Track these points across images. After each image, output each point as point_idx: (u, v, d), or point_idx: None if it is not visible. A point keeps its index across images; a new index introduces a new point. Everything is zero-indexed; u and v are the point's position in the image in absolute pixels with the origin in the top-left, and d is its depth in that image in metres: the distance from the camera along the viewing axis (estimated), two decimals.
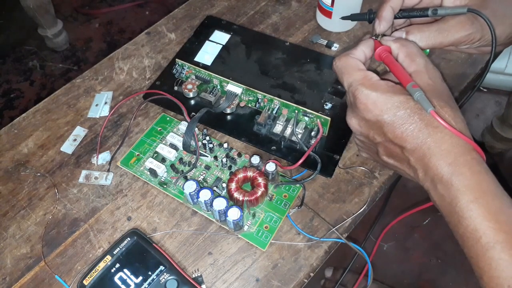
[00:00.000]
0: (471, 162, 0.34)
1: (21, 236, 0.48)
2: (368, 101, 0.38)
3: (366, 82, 0.38)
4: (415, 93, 0.36)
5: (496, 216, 0.32)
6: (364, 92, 0.38)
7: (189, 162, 0.51)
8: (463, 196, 0.34)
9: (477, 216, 0.33)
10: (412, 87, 0.36)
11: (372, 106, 0.37)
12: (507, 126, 1.23)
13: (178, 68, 0.59)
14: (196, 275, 0.45)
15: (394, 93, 0.37)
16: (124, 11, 1.70)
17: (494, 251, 0.32)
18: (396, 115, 0.36)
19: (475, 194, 0.33)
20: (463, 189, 0.34)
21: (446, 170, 0.34)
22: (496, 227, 0.32)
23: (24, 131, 0.56)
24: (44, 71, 1.53)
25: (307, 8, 0.68)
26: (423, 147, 0.36)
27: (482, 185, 0.34)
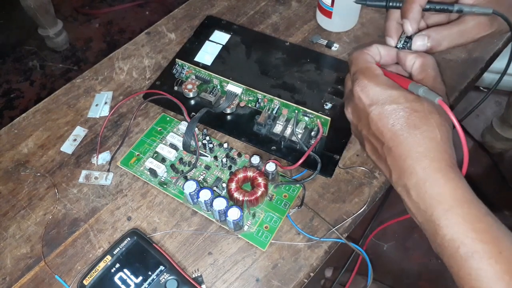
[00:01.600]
0: (446, 168, 0.34)
1: (21, 236, 0.48)
2: (363, 89, 0.38)
3: (367, 72, 0.39)
4: (419, 89, 0.36)
5: (473, 225, 0.32)
6: (362, 81, 0.38)
7: (189, 162, 0.51)
8: (438, 205, 0.33)
9: (453, 225, 0.32)
10: (415, 84, 0.37)
11: (365, 95, 0.38)
12: (507, 126, 1.23)
13: (178, 68, 0.59)
14: (196, 275, 0.45)
15: (390, 87, 0.37)
16: (124, 11, 1.70)
17: (473, 261, 0.31)
18: (384, 109, 0.37)
19: (451, 203, 0.33)
20: (437, 197, 0.33)
21: (420, 175, 0.34)
22: (474, 236, 0.32)
23: (24, 131, 0.56)
24: (44, 71, 1.53)
25: (307, 8, 0.68)
26: (400, 147, 0.35)
27: (457, 192, 0.33)
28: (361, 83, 0.38)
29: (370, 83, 0.38)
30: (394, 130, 0.36)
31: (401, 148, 0.35)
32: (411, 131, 0.35)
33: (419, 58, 0.40)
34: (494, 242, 0.31)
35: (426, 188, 0.34)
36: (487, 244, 0.31)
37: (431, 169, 0.34)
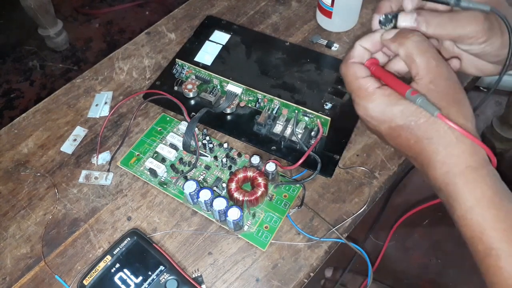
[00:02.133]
0: (465, 171, 0.34)
1: (21, 236, 0.48)
2: (365, 112, 0.38)
3: (361, 94, 0.38)
4: (416, 100, 0.35)
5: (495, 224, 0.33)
6: (360, 104, 0.38)
7: (189, 162, 0.51)
8: (459, 205, 0.34)
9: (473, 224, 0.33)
10: (411, 94, 0.35)
11: (369, 118, 0.38)
12: (507, 126, 1.23)
13: (178, 68, 0.59)
14: (196, 275, 0.45)
15: (389, 104, 0.36)
16: (124, 11, 1.70)
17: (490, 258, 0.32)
18: (392, 127, 0.36)
19: (470, 203, 0.33)
20: (457, 198, 0.34)
21: (441, 180, 0.35)
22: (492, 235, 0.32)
23: (24, 131, 0.56)
24: (44, 71, 1.53)
25: (307, 8, 0.68)
26: (419, 158, 0.36)
27: (477, 193, 0.33)
28: (361, 107, 0.38)
29: (369, 104, 0.37)
30: (410, 144, 0.36)
31: (421, 158, 0.36)
32: (425, 143, 0.35)
33: (401, 48, 0.37)
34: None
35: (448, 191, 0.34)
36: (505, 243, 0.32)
37: (451, 173, 0.34)
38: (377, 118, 0.37)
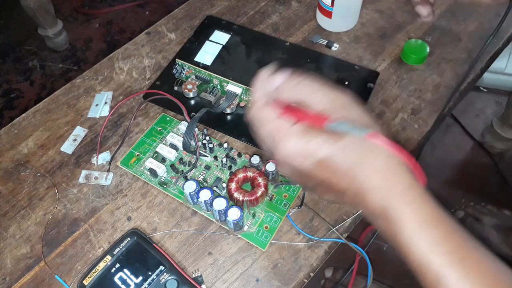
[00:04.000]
0: (402, 192, 0.33)
1: (21, 236, 0.48)
2: (287, 152, 0.35)
3: (279, 134, 0.36)
4: (339, 126, 0.34)
5: (438, 248, 0.31)
6: (280, 145, 0.36)
7: (189, 162, 0.51)
8: (402, 231, 0.32)
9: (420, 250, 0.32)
10: (330, 123, 0.34)
11: (293, 157, 0.35)
12: (507, 126, 1.23)
13: (178, 68, 0.59)
14: (196, 275, 0.45)
15: (310, 139, 0.35)
16: (124, 11, 1.70)
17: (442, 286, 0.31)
18: (317, 162, 0.34)
19: (414, 226, 0.32)
20: (399, 224, 0.32)
21: (381, 205, 0.33)
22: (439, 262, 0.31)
23: (24, 131, 0.56)
24: (44, 71, 1.53)
25: (307, 8, 0.68)
26: (353, 186, 0.34)
27: (417, 215, 0.32)
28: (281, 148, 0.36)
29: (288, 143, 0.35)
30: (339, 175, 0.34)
31: (354, 187, 0.34)
32: (356, 171, 0.34)
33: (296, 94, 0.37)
34: (461, 262, 0.31)
35: (388, 216, 0.33)
36: (454, 266, 0.30)
37: (389, 197, 0.33)
38: (301, 153, 0.35)
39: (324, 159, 0.34)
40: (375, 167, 0.33)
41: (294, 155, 0.35)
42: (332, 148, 0.34)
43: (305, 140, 0.35)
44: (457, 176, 1.26)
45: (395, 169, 0.33)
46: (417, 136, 0.54)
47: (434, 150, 1.30)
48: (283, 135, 0.36)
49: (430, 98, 0.57)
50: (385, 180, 0.33)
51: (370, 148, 0.33)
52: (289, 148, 0.35)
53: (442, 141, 1.33)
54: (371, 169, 0.33)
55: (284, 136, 0.36)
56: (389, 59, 0.61)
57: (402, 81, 0.59)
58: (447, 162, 1.29)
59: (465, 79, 0.58)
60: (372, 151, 0.33)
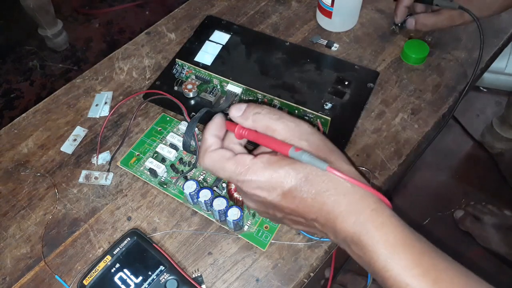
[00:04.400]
0: (371, 215, 0.33)
1: (21, 236, 0.48)
2: (252, 186, 0.35)
3: (241, 170, 0.36)
4: (301, 157, 0.34)
5: (413, 271, 0.31)
6: (245, 181, 0.35)
7: (189, 162, 0.51)
8: (377, 256, 0.32)
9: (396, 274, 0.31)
10: (294, 151, 0.34)
11: (258, 190, 0.35)
12: (507, 126, 1.23)
13: (178, 68, 0.59)
14: (196, 275, 0.45)
15: (274, 170, 0.34)
16: (124, 11, 1.70)
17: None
18: (284, 192, 0.34)
19: (388, 251, 0.32)
20: (374, 248, 0.32)
21: (353, 231, 0.33)
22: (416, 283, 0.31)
23: (24, 131, 0.56)
24: (44, 71, 1.53)
25: (307, 8, 0.68)
26: (322, 214, 0.34)
27: (389, 238, 0.32)
28: (246, 182, 0.35)
29: (253, 177, 0.35)
30: (308, 204, 0.34)
31: (324, 214, 0.34)
32: (324, 198, 0.33)
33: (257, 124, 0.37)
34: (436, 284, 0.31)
35: (362, 241, 0.33)
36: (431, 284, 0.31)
37: (360, 221, 0.33)
38: (266, 187, 0.35)
39: (290, 189, 0.34)
40: (340, 193, 0.33)
41: (259, 190, 0.35)
42: (297, 178, 0.34)
43: (269, 172, 0.35)
44: (457, 176, 1.26)
45: (360, 193, 0.33)
46: (417, 136, 0.54)
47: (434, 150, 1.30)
48: (246, 170, 0.35)
49: (430, 98, 0.57)
50: (353, 205, 0.33)
51: (332, 176, 0.34)
52: (254, 183, 0.35)
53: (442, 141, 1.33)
54: (337, 195, 0.33)
55: (246, 170, 0.35)
56: (389, 59, 0.61)
57: (402, 81, 0.59)
58: (447, 162, 1.29)
59: (465, 79, 0.58)
60: (334, 179, 0.34)
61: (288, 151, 0.34)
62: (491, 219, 1.11)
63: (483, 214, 1.12)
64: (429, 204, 1.18)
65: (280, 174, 0.34)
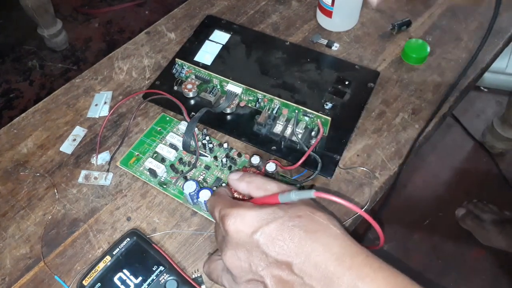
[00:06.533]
0: (367, 260, 0.31)
1: (20, 236, 0.48)
2: (237, 221, 0.34)
3: (233, 204, 0.36)
4: (290, 194, 0.34)
5: None
6: (232, 213, 0.35)
7: (189, 162, 0.51)
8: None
9: None
10: (283, 194, 0.35)
11: (242, 225, 0.34)
12: (508, 126, 1.23)
13: (178, 68, 0.59)
14: (196, 276, 0.44)
15: (260, 208, 0.34)
16: (123, 11, 1.70)
17: None
18: (271, 229, 0.33)
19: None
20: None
21: (349, 276, 0.31)
22: None
23: (23, 131, 0.56)
24: (43, 71, 1.53)
25: (307, 8, 0.68)
26: (311, 257, 0.32)
27: (391, 280, 0.31)
28: (233, 216, 0.34)
29: (241, 210, 0.35)
30: (296, 243, 0.32)
31: (314, 256, 0.32)
32: (313, 236, 0.32)
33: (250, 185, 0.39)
34: None
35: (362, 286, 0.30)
36: None
37: (356, 266, 0.31)
38: (251, 224, 0.34)
39: (279, 226, 0.33)
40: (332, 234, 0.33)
41: (243, 226, 0.34)
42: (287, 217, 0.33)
43: (255, 209, 0.34)
44: (457, 176, 1.26)
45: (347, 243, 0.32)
46: (417, 136, 0.53)
47: (434, 150, 1.30)
48: (235, 207, 0.35)
49: (430, 98, 0.57)
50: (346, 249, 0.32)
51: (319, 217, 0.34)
52: (240, 216, 0.34)
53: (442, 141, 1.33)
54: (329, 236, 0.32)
55: (236, 208, 0.35)
56: (389, 58, 0.61)
57: (403, 81, 0.59)
58: (447, 162, 1.29)
59: (466, 79, 0.58)
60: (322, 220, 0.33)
61: (277, 198, 0.35)
62: (491, 217, 1.12)
63: (484, 213, 1.12)
64: (429, 204, 1.18)
65: (267, 212, 0.34)
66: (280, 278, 0.33)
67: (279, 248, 0.32)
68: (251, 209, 0.34)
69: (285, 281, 0.33)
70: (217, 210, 0.37)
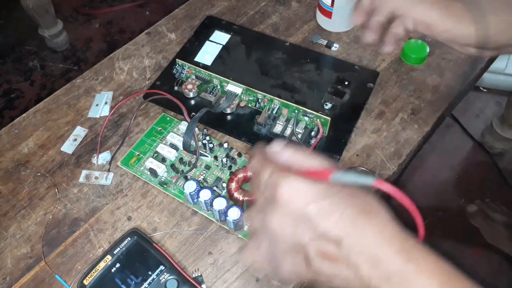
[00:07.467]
0: (416, 246, 0.31)
1: (21, 236, 0.48)
2: (292, 190, 0.33)
3: (286, 171, 0.34)
4: (345, 176, 0.32)
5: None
6: (287, 181, 0.33)
7: (189, 162, 0.52)
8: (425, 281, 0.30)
9: None
10: (337, 173, 0.33)
11: (298, 196, 0.32)
12: (507, 126, 1.23)
13: (178, 68, 0.59)
14: (196, 275, 0.45)
15: (317, 182, 0.33)
16: (124, 11, 1.70)
17: None
18: (325, 203, 0.32)
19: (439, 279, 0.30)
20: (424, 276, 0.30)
21: (398, 259, 0.30)
22: None
23: (24, 131, 0.56)
24: (44, 71, 1.53)
25: (307, 8, 0.68)
26: (362, 236, 0.31)
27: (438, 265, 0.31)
28: (287, 182, 0.33)
29: (296, 179, 0.33)
30: (348, 221, 0.31)
31: (364, 236, 0.31)
32: (367, 217, 0.32)
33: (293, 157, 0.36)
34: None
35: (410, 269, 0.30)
36: None
37: (406, 250, 0.31)
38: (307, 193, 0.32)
39: (335, 202, 0.32)
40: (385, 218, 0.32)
41: (297, 196, 0.32)
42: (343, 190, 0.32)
43: (311, 182, 0.33)
44: (457, 176, 1.26)
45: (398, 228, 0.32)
46: (417, 136, 0.54)
47: (434, 150, 1.30)
48: (291, 175, 0.33)
49: (430, 98, 0.57)
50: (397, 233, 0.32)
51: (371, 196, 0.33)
52: (295, 185, 0.33)
53: (442, 141, 1.33)
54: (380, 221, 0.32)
55: (292, 175, 0.33)
56: (389, 59, 0.61)
57: (402, 81, 0.59)
58: (447, 162, 1.29)
59: (465, 79, 0.58)
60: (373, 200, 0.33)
61: (328, 176, 0.33)
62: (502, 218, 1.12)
63: (495, 212, 1.13)
64: (429, 204, 1.18)
65: (325, 186, 0.32)
66: (324, 253, 0.32)
67: (331, 224, 0.32)
68: (306, 181, 0.33)
69: (330, 256, 0.32)
70: (267, 173, 0.35)
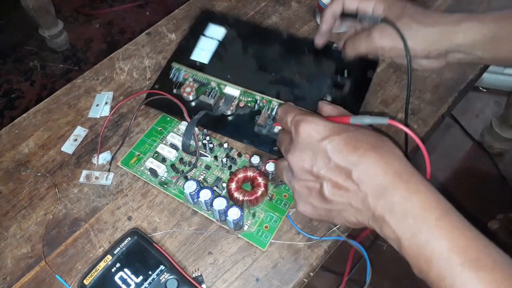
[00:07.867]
0: (422, 180, 0.33)
1: (21, 235, 0.48)
2: (311, 127, 0.37)
3: (307, 113, 0.39)
4: (363, 117, 0.37)
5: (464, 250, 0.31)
6: (307, 119, 0.38)
7: (189, 162, 0.52)
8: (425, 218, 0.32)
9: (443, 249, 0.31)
10: (354, 117, 0.38)
11: (315, 131, 0.37)
12: (507, 126, 1.23)
13: (175, 72, 0.58)
14: (196, 275, 0.45)
15: (334, 123, 0.38)
16: (124, 12, 1.70)
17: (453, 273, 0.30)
18: (340, 137, 0.36)
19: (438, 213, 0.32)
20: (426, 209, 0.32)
21: (403, 189, 0.32)
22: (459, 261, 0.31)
23: (24, 131, 0.56)
24: (44, 71, 1.53)
25: (307, 9, 0.68)
26: (371, 167, 0.34)
27: (440, 198, 0.33)
28: (307, 122, 0.37)
29: (315, 119, 0.37)
30: (360, 152, 0.34)
31: (374, 167, 0.34)
32: (378, 151, 0.34)
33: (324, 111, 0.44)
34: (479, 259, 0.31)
35: (413, 201, 0.32)
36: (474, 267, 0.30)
37: (411, 181, 0.33)
38: (323, 131, 0.36)
39: (349, 137, 0.36)
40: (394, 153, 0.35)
41: (315, 132, 0.37)
42: (357, 130, 0.37)
43: (329, 121, 0.37)
44: (456, 176, 1.26)
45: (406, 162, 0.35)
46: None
47: (434, 150, 1.30)
48: (311, 114, 0.38)
49: (429, 98, 0.57)
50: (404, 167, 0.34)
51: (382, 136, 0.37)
52: (314, 124, 0.37)
53: (442, 141, 1.33)
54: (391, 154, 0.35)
55: (311, 115, 0.38)
56: (388, 59, 0.61)
57: (402, 81, 0.59)
58: (446, 162, 1.29)
59: (465, 79, 0.58)
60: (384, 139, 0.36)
61: (348, 119, 0.38)
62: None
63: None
64: None
65: (338, 125, 0.37)
66: (336, 183, 0.36)
67: (343, 156, 0.35)
68: (324, 120, 0.38)
69: (341, 185, 0.35)
70: (290, 116, 0.40)
